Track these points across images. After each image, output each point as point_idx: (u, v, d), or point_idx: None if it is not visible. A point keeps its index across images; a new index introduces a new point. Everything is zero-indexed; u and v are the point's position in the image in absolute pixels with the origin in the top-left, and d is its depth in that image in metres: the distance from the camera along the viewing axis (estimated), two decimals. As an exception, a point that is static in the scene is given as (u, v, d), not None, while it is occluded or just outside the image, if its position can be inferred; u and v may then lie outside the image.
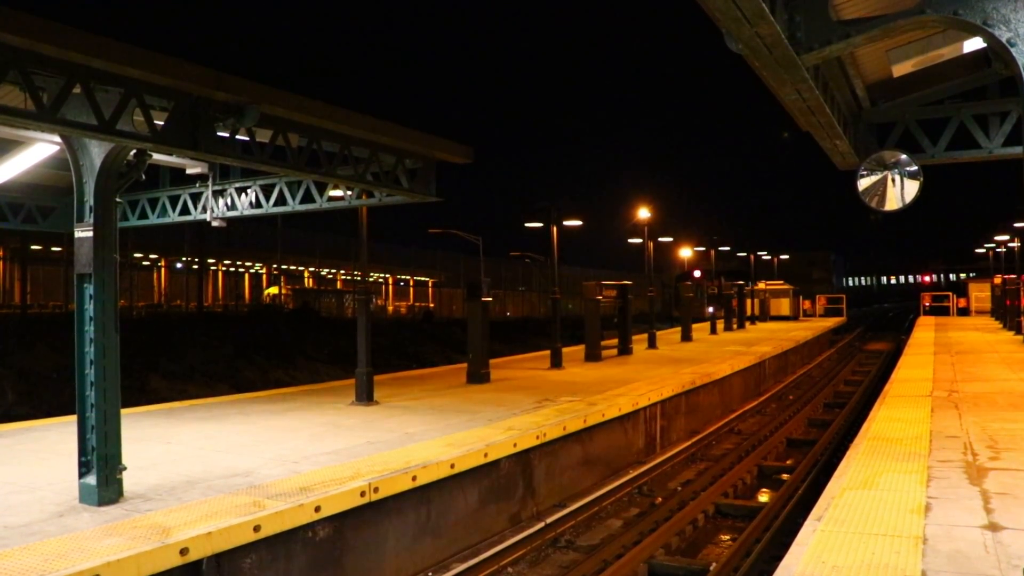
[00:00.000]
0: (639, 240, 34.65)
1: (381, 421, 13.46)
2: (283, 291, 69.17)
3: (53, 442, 11.65)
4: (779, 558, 6.69)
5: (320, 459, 10.41)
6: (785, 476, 14.77)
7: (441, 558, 10.18)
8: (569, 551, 10.84)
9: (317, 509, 8.43)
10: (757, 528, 11.26)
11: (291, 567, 8.28)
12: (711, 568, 9.80)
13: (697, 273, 51.67)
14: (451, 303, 74.70)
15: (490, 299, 19.70)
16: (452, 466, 10.40)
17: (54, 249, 50.17)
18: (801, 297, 58.25)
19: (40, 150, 11.12)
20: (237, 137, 9.02)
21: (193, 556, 7.16)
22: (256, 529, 7.75)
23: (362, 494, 8.99)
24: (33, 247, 51.30)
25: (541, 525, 11.17)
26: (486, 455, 11.08)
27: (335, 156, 10.56)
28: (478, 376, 18.91)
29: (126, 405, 15.39)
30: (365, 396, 15.60)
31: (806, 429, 20.30)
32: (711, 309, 43.09)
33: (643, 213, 31.01)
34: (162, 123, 8.20)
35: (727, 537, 11.73)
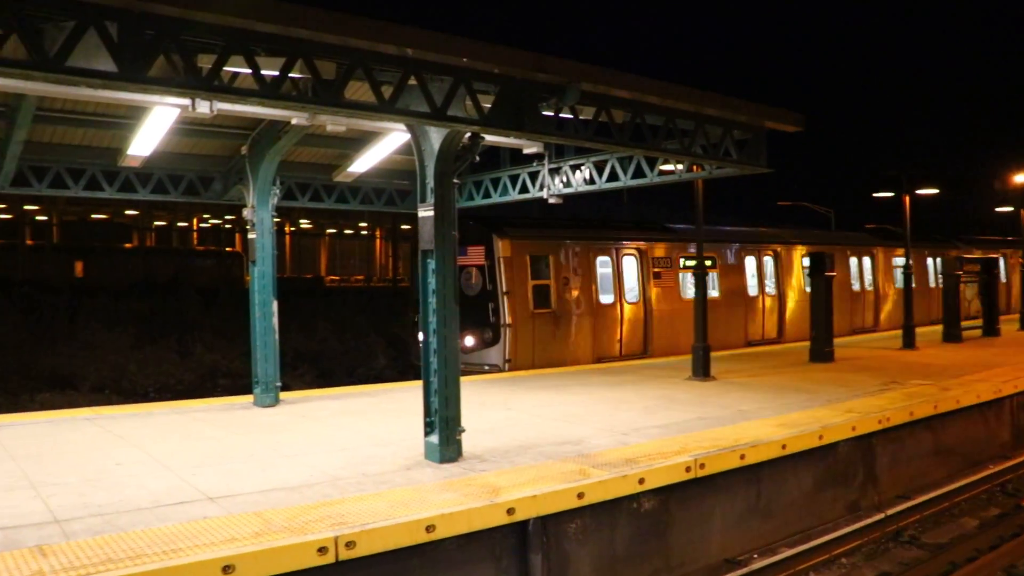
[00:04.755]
0: (1009, 208, 30.91)
1: (715, 397, 13.33)
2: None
3: (409, 403, 12.75)
4: None
5: (649, 432, 10.53)
6: None
7: (769, 541, 9.89)
8: (912, 547, 10.05)
9: (641, 481, 8.53)
10: None
11: (615, 536, 8.46)
12: (1084, 582, 8.63)
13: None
14: (804, 278, 71.86)
15: (835, 273, 18.75)
16: (784, 447, 10.05)
17: (423, 228, 54.82)
18: None
19: (394, 139, 12.27)
20: (561, 116, 9.29)
21: (519, 516, 7.56)
22: (580, 496, 8.00)
23: (687, 469, 8.97)
24: (403, 227, 56.45)
25: (881, 516, 10.48)
26: (821, 437, 10.58)
27: (660, 130, 10.52)
28: (820, 354, 18.08)
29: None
30: (701, 371, 15.54)
31: None
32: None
33: (1019, 178, 27.74)
34: (489, 107, 8.66)
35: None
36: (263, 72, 7.07)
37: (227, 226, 61.44)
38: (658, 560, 8.86)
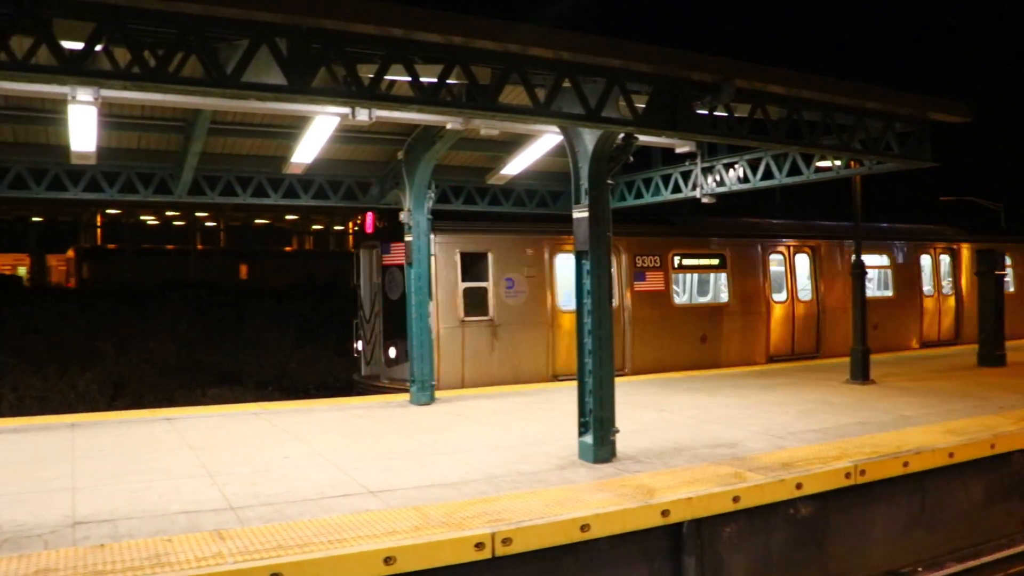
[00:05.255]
0: None
1: (875, 401, 12.85)
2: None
3: (562, 403, 12.90)
4: None
5: (806, 436, 10.27)
6: None
7: (935, 553, 9.43)
8: (1102, 569, 9.39)
9: (798, 486, 8.33)
10: None
11: (770, 542, 8.28)
12: None
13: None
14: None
15: (1005, 273, 17.74)
16: (951, 455, 9.59)
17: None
18: None
19: (547, 141, 12.41)
20: (715, 114, 9.17)
21: (673, 519, 7.51)
22: (735, 500, 7.88)
23: (847, 475, 8.69)
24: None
25: (1064, 533, 9.85)
26: (993, 446, 10.03)
27: (817, 125, 10.22)
28: (991, 358, 17.11)
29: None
30: (860, 374, 15.00)
31: None
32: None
33: None
34: (642, 107, 8.64)
35: None
36: (422, 79, 7.31)
37: (381, 229, 63.33)
38: (815, 569, 8.62)
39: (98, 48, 6.34)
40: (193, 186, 13.17)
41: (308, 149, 11.98)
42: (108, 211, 53.71)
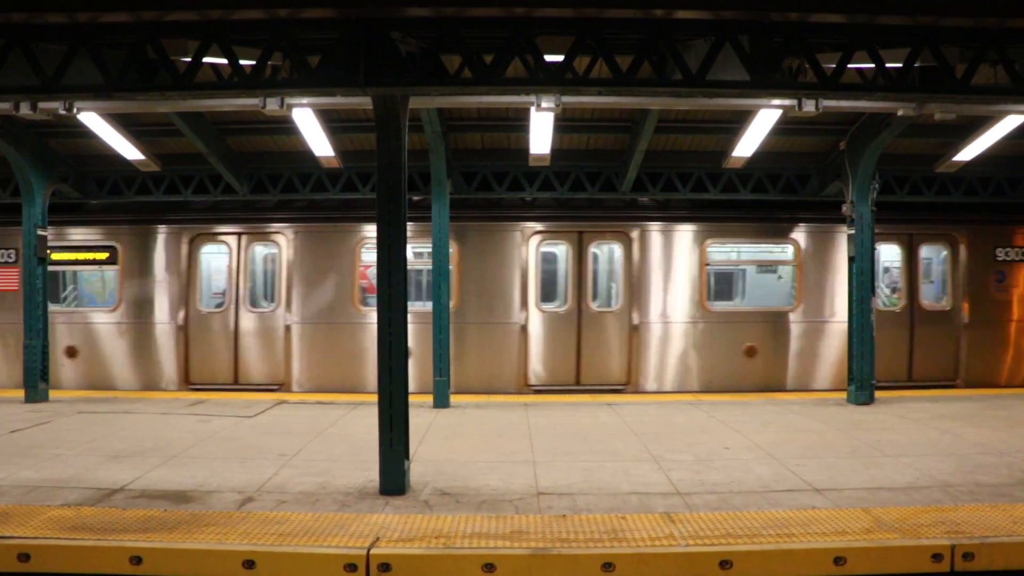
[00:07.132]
0: None
1: None
2: None
3: (1020, 411, 11.86)
4: None
5: None
6: None
7: None
8: None
9: None
10: None
11: None
12: None
13: None
14: None
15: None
16: None
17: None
18: None
19: (1009, 122, 11.26)
20: None
21: None
22: None
23: None
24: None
25: None
26: None
27: None
28: None
29: None
30: None
31: None
32: None
33: None
34: None
35: None
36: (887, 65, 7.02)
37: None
38: None
39: (559, 58, 6.90)
40: (636, 183, 13.80)
41: (748, 143, 12.01)
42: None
